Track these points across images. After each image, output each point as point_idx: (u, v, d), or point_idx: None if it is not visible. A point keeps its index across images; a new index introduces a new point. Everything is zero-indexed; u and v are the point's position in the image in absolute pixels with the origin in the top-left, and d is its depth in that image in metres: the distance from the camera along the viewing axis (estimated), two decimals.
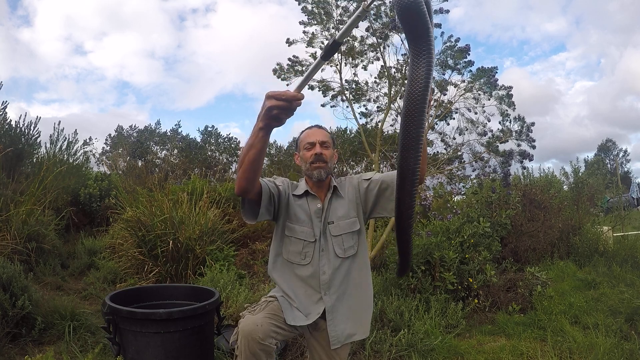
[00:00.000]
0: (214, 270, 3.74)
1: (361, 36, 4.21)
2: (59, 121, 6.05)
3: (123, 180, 7.13)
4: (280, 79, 4.30)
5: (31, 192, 4.46)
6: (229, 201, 5.37)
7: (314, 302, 1.66)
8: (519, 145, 3.84)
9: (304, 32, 4.25)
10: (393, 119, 4.29)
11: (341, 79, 4.35)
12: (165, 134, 19.30)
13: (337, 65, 4.30)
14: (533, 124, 3.86)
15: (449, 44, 3.95)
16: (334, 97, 4.47)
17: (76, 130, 6.43)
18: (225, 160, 15.26)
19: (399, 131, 0.86)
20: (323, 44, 4.17)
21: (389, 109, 4.18)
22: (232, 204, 5.37)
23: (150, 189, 5.25)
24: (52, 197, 4.86)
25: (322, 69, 4.39)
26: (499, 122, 3.98)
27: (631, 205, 13.12)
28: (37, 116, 6.23)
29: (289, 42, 4.25)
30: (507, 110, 3.92)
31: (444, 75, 4.08)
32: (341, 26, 4.10)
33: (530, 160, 3.80)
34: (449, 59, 3.97)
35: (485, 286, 3.59)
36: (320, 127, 1.79)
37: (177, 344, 1.88)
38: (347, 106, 4.39)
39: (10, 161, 5.09)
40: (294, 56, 4.26)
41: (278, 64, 4.35)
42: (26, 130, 5.60)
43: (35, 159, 5.79)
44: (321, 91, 4.45)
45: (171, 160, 14.19)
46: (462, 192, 5.20)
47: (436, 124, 4.26)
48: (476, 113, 4.06)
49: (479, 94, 4.04)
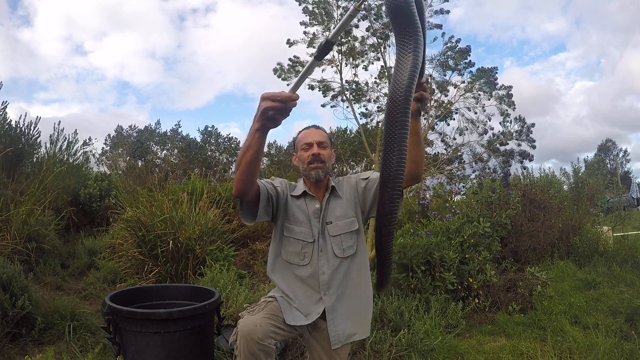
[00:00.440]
0: (214, 270, 3.74)
1: (362, 36, 4.21)
2: (59, 121, 6.05)
3: (123, 180, 7.13)
4: (281, 78, 4.31)
5: (31, 192, 4.46)
6: (229, 201, 5.38)
7: (313, 302, 1.66)
8: (519, 145, 3.85)
9: (304, 32, 4.25)
10: None
11: (341, 79, 4.35)
12: (165, 134, 19.32)
13: (338, 65, 4.30)
14: (533, 124, 3.87)
15: (449, 45, 3.96)
16: (334, 97, 4.47)
17: (76, 130, 6.43)
18: (225, 160, 15.27)
19: (383, 132, 0.84)
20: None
21: None
22: (232, 204, 5.37)
23: (150, 189, 5.25)
24: (52, 197, 4.86)
25: (323, 69, 4.40)
26: (500, 123, 3.99)
27: (631, 205, 13.12)
28: (37, 116, 6.24)
29: (290, 43, 4.26)
30: (507, 110, 3.93)
31: (445, 75, 4.09)
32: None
33: (530, 161, 3.82)
34: (449, 59, 3.97)
35: (485, 286, 3.59)
36: (317, 127, 1.78)
37: (177, 344, 1.88)
38: (347, 106, 4.39)
39: (10, 161, 5.09)
40: (294, 56, 4.27)
41: (279, 63, 4.35)
42: (26, 130, 5.60)
43: (35, 159, 5.79)
44: (321, 91, 4.45)
45: (171, 160, 14.21)
46: (462, 192, 5.20)
47: (436, 124, 4.27)
48: (476, 113, 4.07)
49: (479, 94, 4.05)
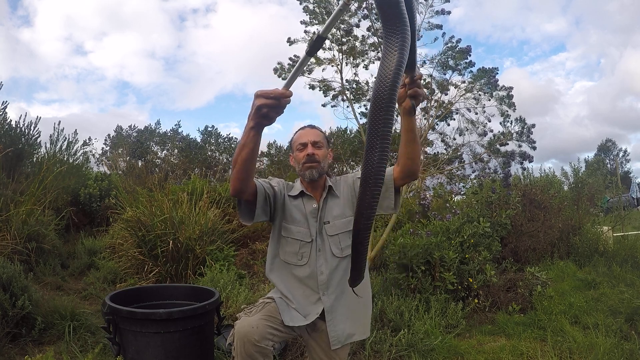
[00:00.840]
0: (214, 270, 3.74)
1: (362, 36, 4.21)
2: (59, 121, 6.06)
3: (123, 180, 7.13)
4: (282, 78, 4.30)
5: (31, 192, 4.46)
6: (228, 201, 5.38)
7: (312, 302, 1.65)
8: (519, 146, 3.85)
9: (305, 31, 4.25)
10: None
11: (342, 78, 4.34)
12: (165, 134, 19.34)
13: (338, 65, 4.30)
14: (534, 125, 3.87)
15: (450, 45, 3.95)
16: (334, 97, 4.46)
17: (76, 130, 6.44)
18: (225, 160, 15.28)
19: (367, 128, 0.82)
20: (324, 43, 4.16)
21: None
22: (232, 204, 5.37)
23: (150, 189, 5.25)
24: (52, 197, 4.86)
25: (323, 69, 4.39)
26: (500, 124, 3.99)
27: (631, 205, 13.11)
28: (37, 116, 6.23)
29: (290, 42, 4.25)
30: (507, 111, 3.92)
31: (445, 75, 4.08)
32: (342, 25, 4.12)
33: (530, 162, 3.81)
34: (449, 59, 3.97)
35: (485, 286, 3.59)
36: (313, 127, 1.77)
37: (177, 344, 1.88)
38: (347, 106, 4.38)
39: (10, 161, 5.08)
40: (295, 55, 4.26)
41: (279, 63, 4.34)
42: (26, 130, 5.60)
43: (35, 159, 5.79)
44: (322, 91, 4.45)
45: (171, 160, 14.23)
46: (462, 192, 5.20)
47: (436, 124, 4.26)
48: (476, 113, 4.07)
49: (480, 95, 4.04)
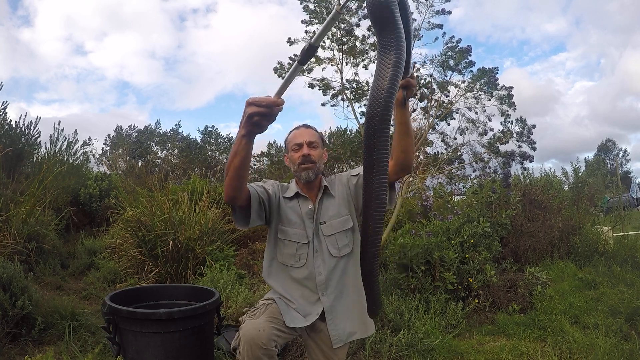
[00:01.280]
0: (214, 270, 3.74)
1: (362, 35, 4.21)
2: (59, 121, 6.05)
3: (123, 180, 7.13)
4: (282, 77, 4.30)
5: (31, 192, 4.46)
6: None
7: (311, 303, 1.65)
8: (519, 146, 3.85)
9: (305, 31, 4.25)
10: (393, 119, 4.28)
11: (342, 78, 4.35)
12: (166, 134, 19.35)
13: (338, 64, 4.30)
14: (534, 126, 3.88)
15: (450, 45, 3.95)
16: (334, 96, 4.47)
17: (76, 130, 6.43)
18: (225, 160, 15.26)
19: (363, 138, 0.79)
20: (324, 43, 4.17)
21: None
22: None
23: (150, 189, 5.25)
24: (52, 197, 4.85)
25: (323, 68, 4.40)
26: (500, 124, 3.99)
27: (631, 205, 13.10)
28: (37, 116, 6.21)
29: (291, 42, 4.26)
30: (507, 111, 3.93)
31: (446, 75, 4.08)
32: (342, 25, 4.12)
33: (531, 162, 3.82)
34: (450, 59, 3.97)
35: (485, 286, 3.59)
36: (308, 127, 1.76)
37: (177, 344, 1.88)
38: (347, 105, 4.39)
39: (10, 161, 5.08)
40: (295, 55, 4.27)
41: (279, 62, 4.35)
42: (26, 130, 5.59)
43: (35, 159, 5.78)
44: (322, 90, 4.45)
45: (171, 160, 14.23)
46: (462, 192, 5.20)
47: (437, 124, 4.26)
48: (477, 113, 4.07)
49: (480, 94, 4.05)
